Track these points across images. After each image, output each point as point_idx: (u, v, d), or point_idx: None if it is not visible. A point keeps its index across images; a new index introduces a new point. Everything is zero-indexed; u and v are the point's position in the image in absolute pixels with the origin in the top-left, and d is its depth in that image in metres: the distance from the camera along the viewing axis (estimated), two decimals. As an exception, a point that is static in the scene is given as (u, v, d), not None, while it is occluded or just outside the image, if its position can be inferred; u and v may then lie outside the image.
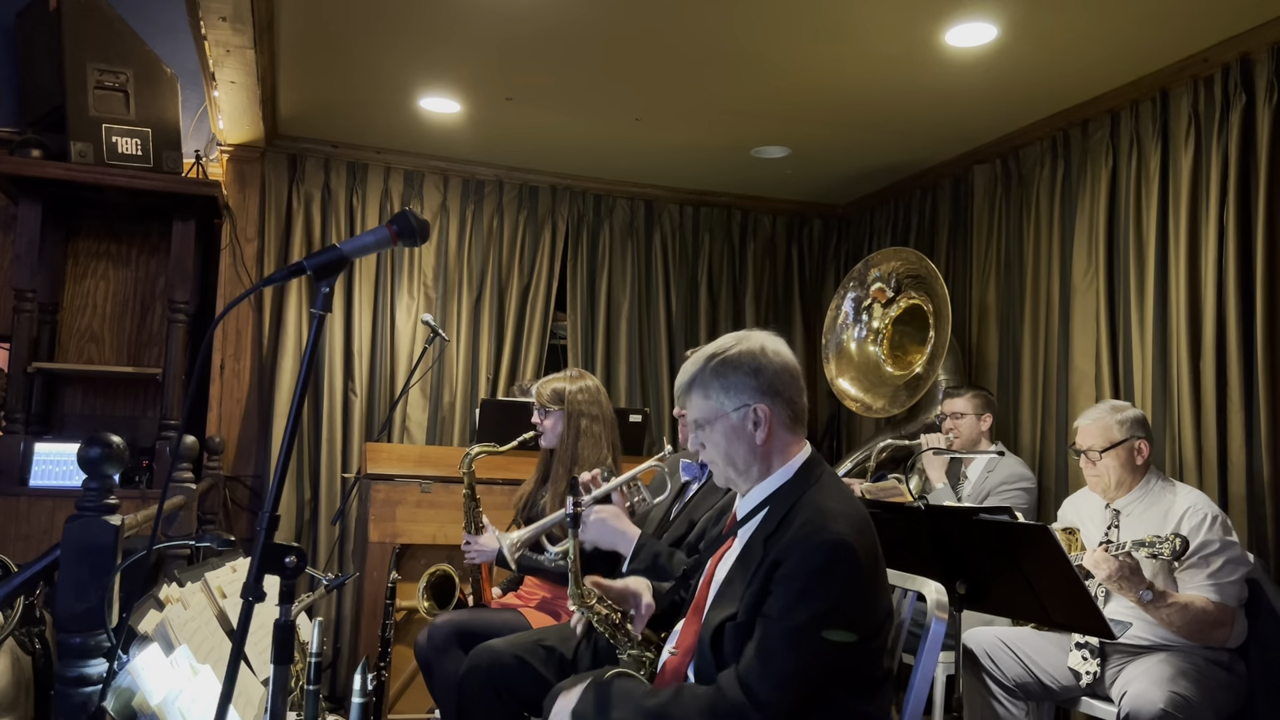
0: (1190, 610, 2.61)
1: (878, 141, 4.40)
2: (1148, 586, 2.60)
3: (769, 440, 1.86)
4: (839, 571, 1.68)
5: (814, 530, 1.72)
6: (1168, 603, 2.62)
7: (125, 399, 4.56)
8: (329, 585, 2.29)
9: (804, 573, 1.69)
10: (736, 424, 1.86)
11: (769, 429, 1.85)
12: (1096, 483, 2.93)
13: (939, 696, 3.22)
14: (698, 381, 1.89)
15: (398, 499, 3.75)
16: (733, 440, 1.86)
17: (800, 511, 1.78)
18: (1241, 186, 3.15)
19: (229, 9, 3.07)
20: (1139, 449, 2.86)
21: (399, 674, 3.69)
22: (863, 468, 4.28)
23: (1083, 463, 2.93)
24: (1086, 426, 2.92)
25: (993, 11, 3.10)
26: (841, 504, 1.79)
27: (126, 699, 1.75)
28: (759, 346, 1.90)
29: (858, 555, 1.70)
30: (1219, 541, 2.65)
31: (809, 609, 1.67)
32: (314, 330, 1.38)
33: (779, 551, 1.73)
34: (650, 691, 1.78)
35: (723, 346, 1.91)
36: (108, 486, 1.90)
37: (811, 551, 1.69)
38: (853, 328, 4.38)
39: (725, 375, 1.87)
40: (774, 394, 1.87)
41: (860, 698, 1.77)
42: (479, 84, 3.89)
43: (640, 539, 2.47)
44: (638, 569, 2.34)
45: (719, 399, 1.87)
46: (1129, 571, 2.58)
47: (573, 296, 5.10)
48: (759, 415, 1.85)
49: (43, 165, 3.95)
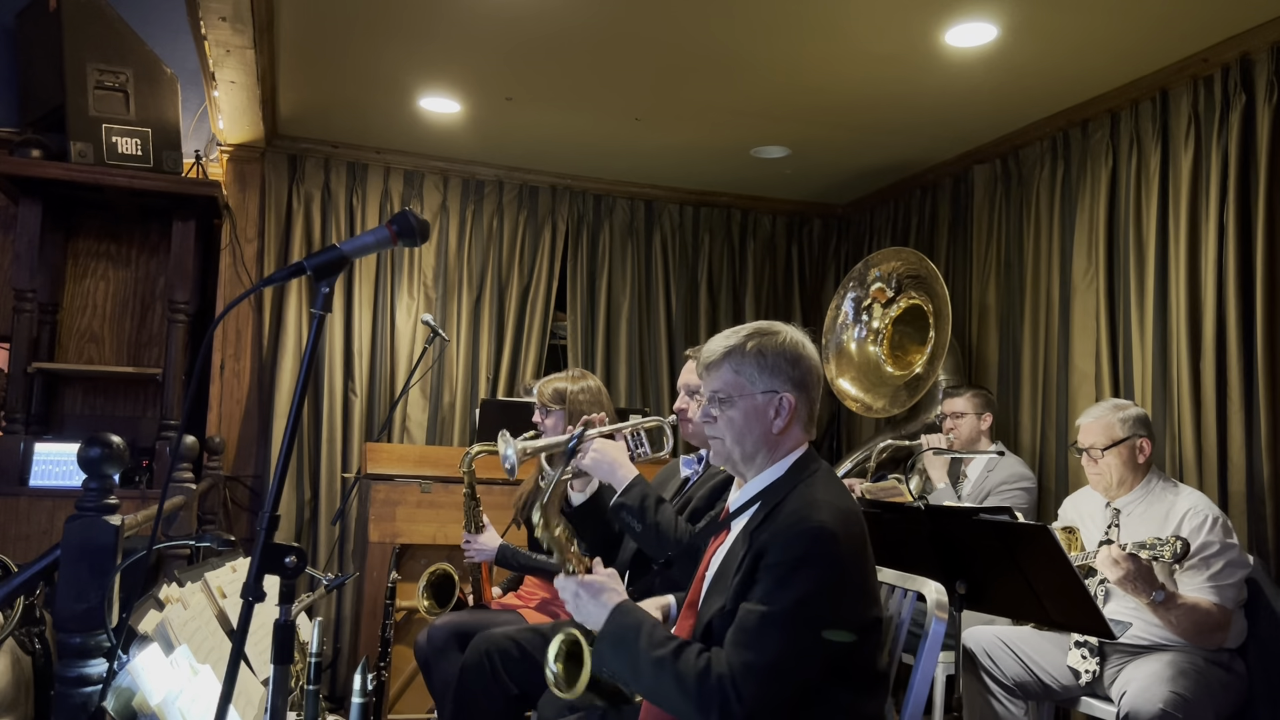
0: (1196, 612, 2.61)
1: (878, 141, 4.40)
2: (1160, 587, 2.59)
3: (784, 431, 1.86)
4: (818, 559, 1.67)
5: (798, 520, 1.72)
6: (1177, 604, 2.61)
7: (125, 399, 4.56)
8: (329, 585, 2.30)
9: (784, 560, 1.68)
10: (760, 406, 1.85)
11: (789, 420, 1.85)
12: (1098, 481, 2.92)
13: (939, 696, 3.22)
14: (733, 355, 1.88)
15: (398, 499, 3.75)
16: (751, 421, 1.86)
17: (788, 504, 1.78)
18: (1241, 186, 3.15)
19: (229, 9, 3.07)
20: (1141, 447, 2.86)
21: (399, 674, 3.69)
22: (863, 468, 4.28)
23: (1084, 461, 2.93)
24: (1088, 424, 2.92)
25: (993, 11, 3.10)
26: (830, 496, 1.78)
27: (126, 699, 1.75)
28: (800, 340, 1.90)
29: (839, 543, 1.68)
30: (1219, 543, 2.65)
31: (787, 598, 1.65)
32: (314, 330, 1.38)
33: (763, 542, 1.73)
34: (665, 638, 1.73)
35: (766, 329, 1.90)
36: (108, 486, 1.90)
37: (793, 540, 1.69)
38: (853, 328, 4.38)
39: (765, 356, 1.86)
40: (803, 388, 1.87)
41: (856, 694, 1.77)
42: (479, 84, 3.89)
43: (635, 478, 2.46)
44: (627, 503, 2.33)
45: (751, 377, 1.86)
46: (1145, 572, 2.57)
47: (573, 296, 5.10)
48: (784, 404, 1.85)
49: (43, 165, 3.95)
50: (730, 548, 1.85)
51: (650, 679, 1.71)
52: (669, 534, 2.30)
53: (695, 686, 1.64)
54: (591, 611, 1.82)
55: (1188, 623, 2.61)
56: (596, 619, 1.81)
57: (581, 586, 1.83)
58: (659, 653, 1.70)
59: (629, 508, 2.31)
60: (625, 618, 1.78)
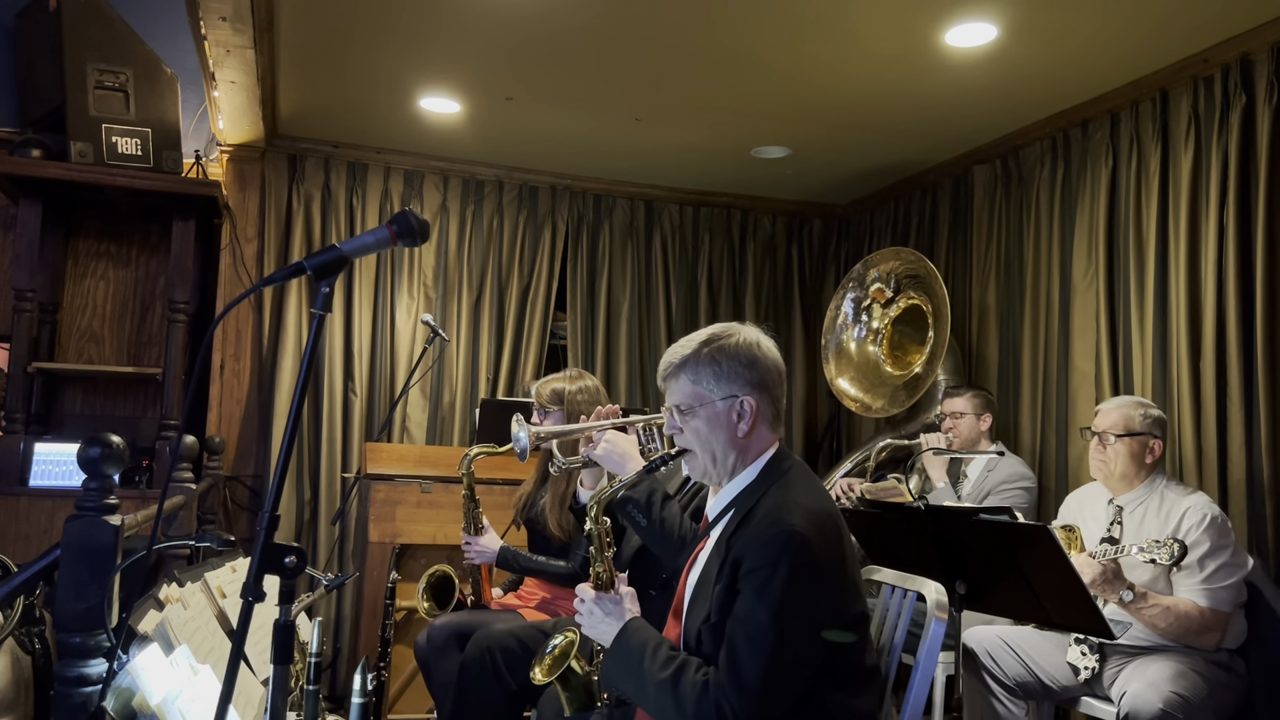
0: (1174, 613, 2.63)
1: (878, 141, 4.40)
2: (1128, 587, 2.62)
3: (750, 434, 1.86)
4: (790, 564, 1.66)
5: (769, 524, 1.72)
6: (1149, 603, 2.64)
7: (125, 399, 4.55)
8: (329, 585, 2.30)
9: (758, 567, 1.68)
10: (721, 412, 1.85)
11: (753, 422, 1.85)
12: (1101, 468, 2.91)
13: (939, 696, 3.22)
14: (689, 365, 1.87)
15: (398, 499, 3.75)
16: (715, 429, 1.85)
17: (761, 508, 1.78)
18: (1241, 187, 3.15)
19: (229, 9, 3.07)
20: (1152, 447, 2.85)
21: (399, 674, 3.69)
22: (862, 468, 4.28)
23: (1093, 445, 2.91)
24: (1108, 410, 2.91)
25: (993, 11, 3.10)
26: (803, 497, 1.78)
27: (126, 699, 1.75)
28: (754, 339, 1.89)
29: (810, 545, 1.68)
30: (1212, 544, 2.65)
31: (767, 608, 1.66)
32: (314, 330, 1.37)
33: (739, 549, 1.73)
34: (667, 658, 1.75)
35: (718, 334, 1.89)
36: (108, 486, 1.90)
37: (765, 546, 1.69)
38: (852, 328, 4.38)
39: (719, 363, 1.85)
40: (763, 389, 1.86)
41: (844, 691, 1.77)
42: (479, 84, 3.89)
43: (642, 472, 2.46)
44: (634, 498, 2.33)
45: (708, 385, 1.85)
46: (1110, 575, 2.61)
47: (573, 296, 5.10)
48: (745, 407, 1.84)
49: (43, 165, 3.95)
50: (709, 555, 1.86)
51: (654, 699, 1.74)
52: (673, 531, 2.29)
53: (694, 709, 1.67)
54: (601, 629, 1.86)
55: (1167, 623, 2.63)
56: (604, 636, 1.85)
57: (596, 603, 1.87)
58: (662, 675, 1.72)
59: (635, 502, 2.31)
60: (632, 638, 1.81)
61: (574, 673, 2.09)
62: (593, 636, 1.90)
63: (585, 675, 2.11)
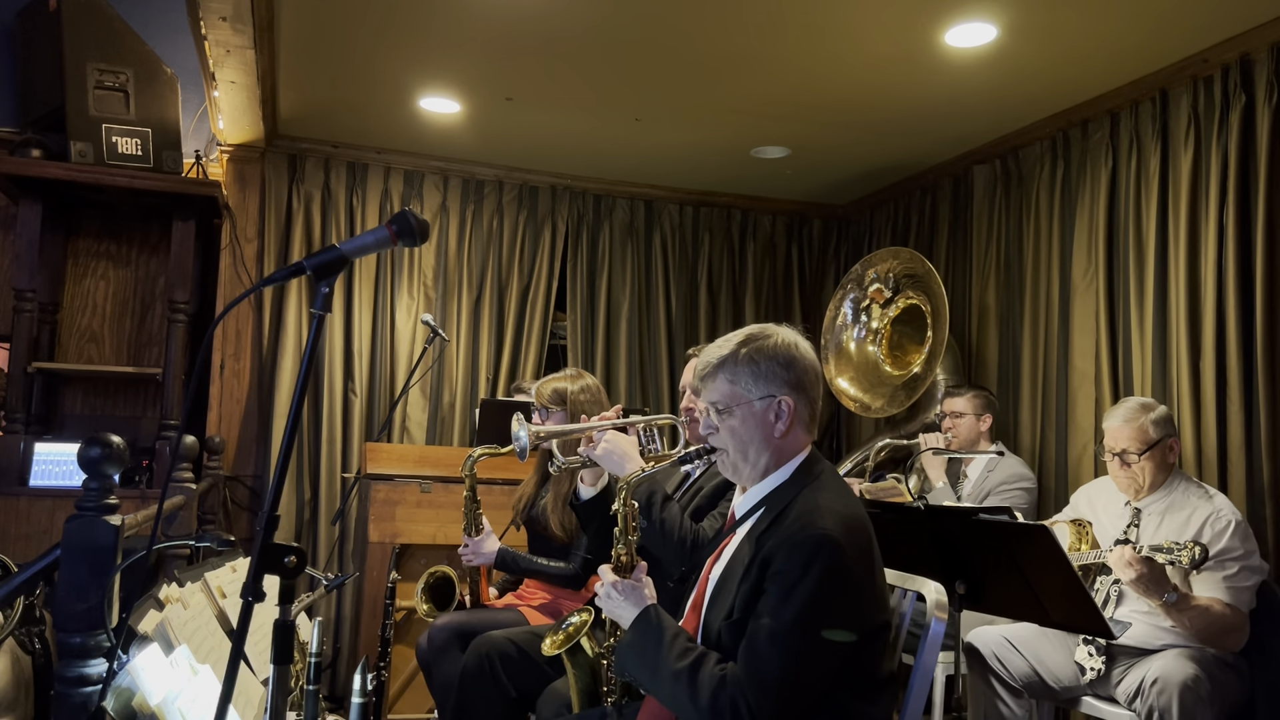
0: (1210, 614, 2.60)
1: (878, 141, 4.40)
2: (1172, 589, 2.58)
3: (786, 434, 1.85)
4: (821, 568, 1.66)
5: (801, 527, 1.71)
6: (1190, 606, 2.61)
7: (125, 399, 4.56)
8: (329, 585, 2.30)
9: (787, 569, 1.68)
10: (759, 413, 1.84)
11: (790, 423, 1.85)
12: (1129, 484, 2.86)
13: (938, 696, 3.23)
14: (727, 364, 1.87)
15: (397, 499, 3.75)
16: (751, 429, 1.85)
17: (794, 509, 1.77)
18: (1241, 186, 3.15)
19: (229, 9, 3.07)
20: (1171, 447, 2.83)
21: (399, 674, 3.69)
22: (862, 468, 4.28)
23: (1116, 465, 2.85)
24: (1119, 428, 2.84)
25: (993, 11, 3.10)
26: (835, 502, 1.77)
27: (126, 699, 1.75)
28: (793, 340, 1.89)
29: (842, 550, 1.68)
30: (1239, 549, 2.63)
31: (793, 609, 1.66)
32: (314, 330, 1.37)
33: (769, 549, 1.73)
34: (685, 648, 1.76)
35: (755, 334, 1.90)
36: (108, 486, 1.90)
37: (796, 548, 1.69)
38: (852, 328, 4.38)
39: (758, 363, 1.85)
40: (801, 390, 1.86)
41: (861, 698, 1.77)
42: (479, 84, 3.89)
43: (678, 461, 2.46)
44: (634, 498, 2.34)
45: (746, 385, 1.85)
46: (1158, 575, 2.55)
47: (573, 296, 5.10)
48: (783, 408, 1.84)
49: (43, 165, 3.95)
50: (736, 551, 1.85)
51: (668, 689, 1.73)
52: (673, 532, 2.29)
53: (709, 702, 1.66)
54: (619, 611, 1.88)
55: (1201, 624, 2.60)
56: (623, 618, 1.87)
57: (614, 587, 1.90)
58: (679, 665, 1.72)
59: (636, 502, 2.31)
60: (650, 623, 1.82)
61: (582, 651, 2.09)
62: (612, 617, 1.93)
63: (594, 656, 2.12)
